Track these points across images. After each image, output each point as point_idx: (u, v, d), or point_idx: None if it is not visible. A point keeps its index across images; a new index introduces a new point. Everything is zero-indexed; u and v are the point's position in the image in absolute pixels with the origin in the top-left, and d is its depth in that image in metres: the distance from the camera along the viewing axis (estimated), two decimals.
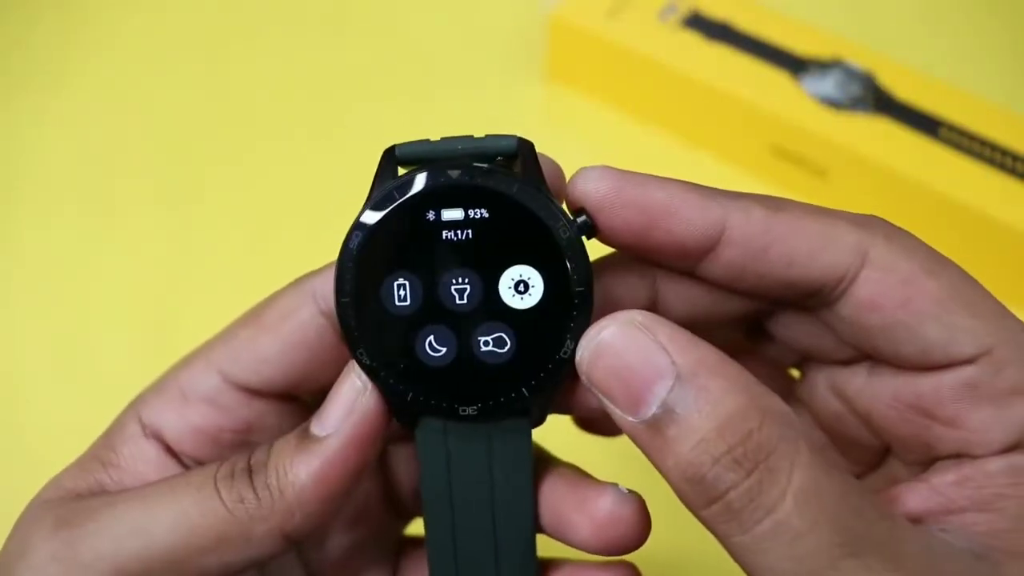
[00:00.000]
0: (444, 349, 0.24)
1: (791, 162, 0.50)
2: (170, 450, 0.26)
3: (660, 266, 0.25)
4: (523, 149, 0.24)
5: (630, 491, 0.25)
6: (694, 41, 0.51)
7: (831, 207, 0.23)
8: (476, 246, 0.23)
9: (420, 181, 0.24)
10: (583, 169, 0.24)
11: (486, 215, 0.23)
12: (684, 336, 0.22)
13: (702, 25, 0.51)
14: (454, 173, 0.23)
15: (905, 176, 0.47)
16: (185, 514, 0.24)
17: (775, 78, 0.50)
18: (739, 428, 0.20)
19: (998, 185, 0.46)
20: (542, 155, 0.24)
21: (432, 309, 0.24)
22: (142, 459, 0.26)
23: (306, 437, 0.24)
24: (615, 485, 0.26)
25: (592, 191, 0.23)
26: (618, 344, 0.22)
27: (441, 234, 0.24)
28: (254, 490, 0.24)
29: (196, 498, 0.24)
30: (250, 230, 0.50)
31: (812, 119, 0.48)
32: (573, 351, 0.24)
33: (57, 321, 0.47)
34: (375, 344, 0.24)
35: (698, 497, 0.21)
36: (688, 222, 0.23)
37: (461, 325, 0.24)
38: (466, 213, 0.23)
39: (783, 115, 0.49)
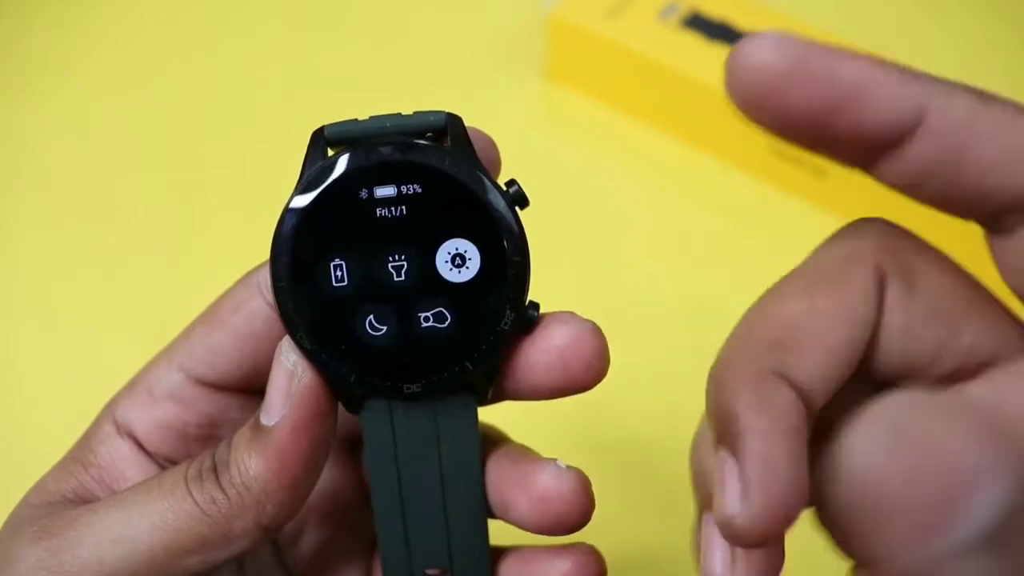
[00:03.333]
0: (385, 327, 0.24)
1: (791, 162, 0.50)
2: (142, 447, 0.26)
3: (832, 157, 0.21)
4: (452, 124, 0.24)
5: (570, 467, 0.25)
6: (694, 41, 0.51)
7: (831, 207, 0.23)
8: (411, 222, 0.23)
9: (350, 160, 0.23)
10: (752, 37, 0.19)
11: (419, 190, 0.23)
12: None
13: (702, 25, 0.51)
14: (385, 150, 0.23)
15: None
16: (163, 519, 0.24)
17: None
18: None
19: None
20: (474, 129, 0.24)
21: (370, 288, 0.24)
22: (119, 457, 0.26)
23: (258, 428, 0.24)
24: (554, 461, 0.25)
25: (771, 63, 0.19)
26: None
27: (375, 212, 0.23)
28: (222, 489, 0.24)
29: (170, 502, 0.24)
30: (252, 230, 0.50)
31: None
32: (512, 321, 0.24)
33: (57, 320, 0.46)
34: (315, 327, 0.24)
35: None
36: (883, 105, 0.19)
37: (400, 302, 0.24)
38: (399, 189, 0.23)
39: None
